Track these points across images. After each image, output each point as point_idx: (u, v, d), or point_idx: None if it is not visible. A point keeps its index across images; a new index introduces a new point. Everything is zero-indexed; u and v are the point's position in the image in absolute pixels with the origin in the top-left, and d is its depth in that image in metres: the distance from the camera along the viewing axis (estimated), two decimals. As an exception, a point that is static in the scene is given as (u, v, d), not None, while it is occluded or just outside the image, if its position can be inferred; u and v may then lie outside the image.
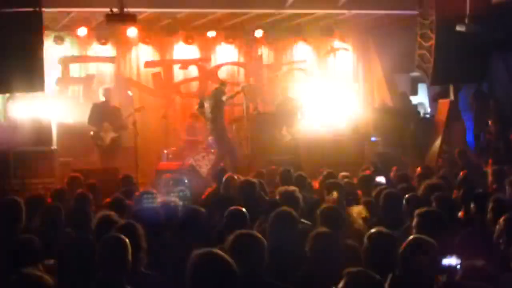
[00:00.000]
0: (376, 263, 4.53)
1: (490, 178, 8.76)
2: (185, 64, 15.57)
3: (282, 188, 7.21)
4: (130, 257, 4.55)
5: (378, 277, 3.73)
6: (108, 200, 7.29)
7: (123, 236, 4.63)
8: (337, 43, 16.59)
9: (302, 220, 6.23)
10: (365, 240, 4.79)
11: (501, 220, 5.36)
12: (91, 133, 12.89)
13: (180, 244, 5.55)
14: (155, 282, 4.92)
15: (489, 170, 9.22)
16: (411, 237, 4.55)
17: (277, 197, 6.97)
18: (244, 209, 6.01)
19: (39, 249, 5.12)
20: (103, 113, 12.83)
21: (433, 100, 15.08)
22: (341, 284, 3.69)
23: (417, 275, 4.29)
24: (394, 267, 4.44)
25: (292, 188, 7.10)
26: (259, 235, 4.60)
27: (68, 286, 4.56)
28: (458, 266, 4.50)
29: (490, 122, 13.74)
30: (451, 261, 4.59)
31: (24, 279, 3.65)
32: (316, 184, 9.24)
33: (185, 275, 3.75)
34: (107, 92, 13.27)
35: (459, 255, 4.54)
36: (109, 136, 12.74)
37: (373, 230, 4.88)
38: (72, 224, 6.35)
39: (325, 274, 4.57)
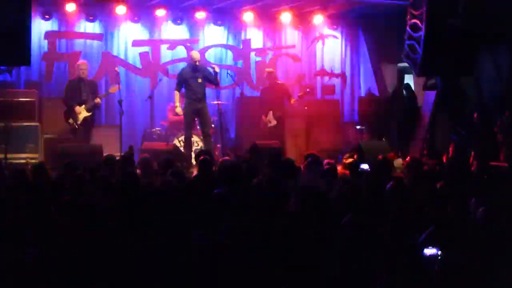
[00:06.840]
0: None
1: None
2: (173, 44, 15.46)
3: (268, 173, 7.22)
4: None
5: None
6: None
7: None
8: (326, 30, 16.54)
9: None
10: None
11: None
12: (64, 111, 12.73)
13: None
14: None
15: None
16: None
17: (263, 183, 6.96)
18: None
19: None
20: (77, 89, 12.71)
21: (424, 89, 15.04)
22: None
23: None
24: None
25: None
26: None
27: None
28: (439, 257, 4.52)
29: (475, 116, 13.76)
30: (431, 251, 4.61)
31: None
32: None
33: None
34: (81, 67, 13.04)
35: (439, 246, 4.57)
36: (81, 115, 12.60)
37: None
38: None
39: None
